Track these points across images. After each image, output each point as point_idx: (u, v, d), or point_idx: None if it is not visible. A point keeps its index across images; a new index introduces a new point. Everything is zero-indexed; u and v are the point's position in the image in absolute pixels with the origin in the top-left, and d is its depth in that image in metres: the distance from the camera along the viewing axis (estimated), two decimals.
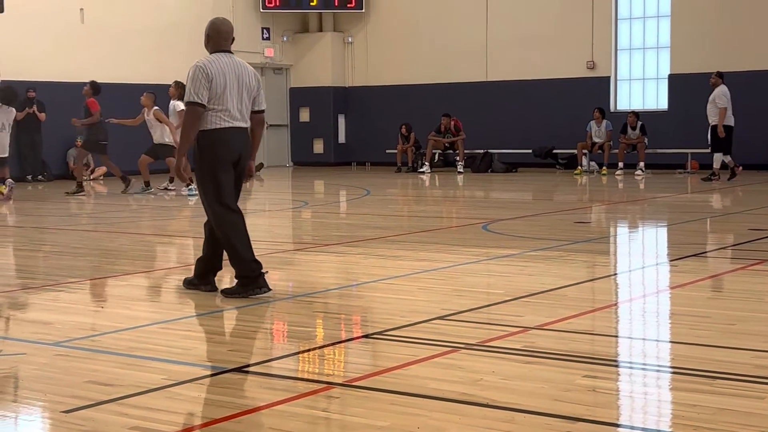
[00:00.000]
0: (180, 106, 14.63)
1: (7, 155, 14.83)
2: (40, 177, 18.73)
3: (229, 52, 6.42)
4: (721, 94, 16.75)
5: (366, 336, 5.28)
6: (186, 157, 6.36)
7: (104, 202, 14.61)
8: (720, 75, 17.00)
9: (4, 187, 14.76)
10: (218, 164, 6.27)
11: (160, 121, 15.16)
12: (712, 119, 16.89)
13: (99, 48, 19.58)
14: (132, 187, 15.45)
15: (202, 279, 6.53)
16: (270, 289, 6.31)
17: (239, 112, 6.32)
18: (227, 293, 6.34)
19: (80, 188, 15.42)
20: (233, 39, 6.48)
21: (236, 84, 6.30)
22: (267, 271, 6.33)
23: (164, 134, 15.19)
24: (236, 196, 6.45)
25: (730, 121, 16.82)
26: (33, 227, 11.40)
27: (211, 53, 6.39)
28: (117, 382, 4.27)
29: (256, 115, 6.50)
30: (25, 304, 6.48)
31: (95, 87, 15.53)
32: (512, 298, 6.15)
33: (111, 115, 15.75)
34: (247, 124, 6.42)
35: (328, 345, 5.08)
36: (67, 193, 15.38)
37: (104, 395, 4.06)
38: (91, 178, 18.84)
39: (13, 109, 15.04)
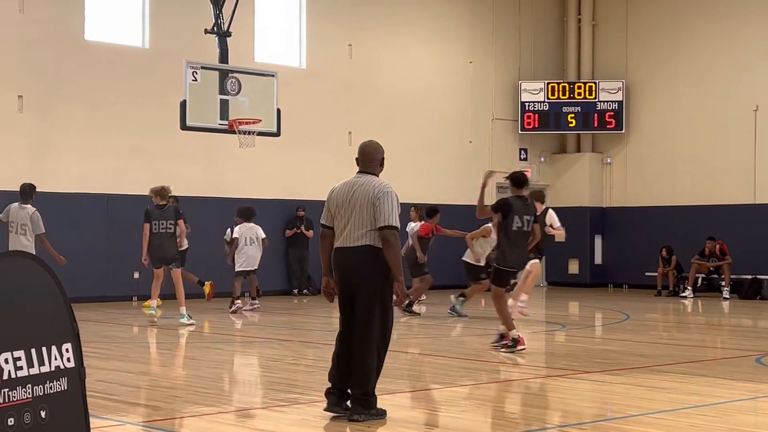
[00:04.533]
0: (415, 227, 15.57)
1: (255, 268, 15.43)
2: (305, 291, 19.63)
3: (368, 173, 6.62)
4: None
5: None
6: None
7: None
8: None
9: (255, 302, 15.55)
10: (338, 282, 6.62)
11: None
12: None
13: None
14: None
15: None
16: (333, 412, 6.42)
17: (344, 231, 6.51)
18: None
19: (409, 306, 14.82)
20: (382, 159, 6.67)
21: (347, 204, 6.51)
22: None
23: None
24: (363, 313, 6.45)
25: None
26: (299, 341, 11.89)
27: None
28: None
29: (379, 232, 6.45)
30: (309, 419, 6.69)
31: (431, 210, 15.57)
32: None
33: None
34: (357, 243, 6.46)
35: None
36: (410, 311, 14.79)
37: None
38: None
39: (258, 227, 15.54)
